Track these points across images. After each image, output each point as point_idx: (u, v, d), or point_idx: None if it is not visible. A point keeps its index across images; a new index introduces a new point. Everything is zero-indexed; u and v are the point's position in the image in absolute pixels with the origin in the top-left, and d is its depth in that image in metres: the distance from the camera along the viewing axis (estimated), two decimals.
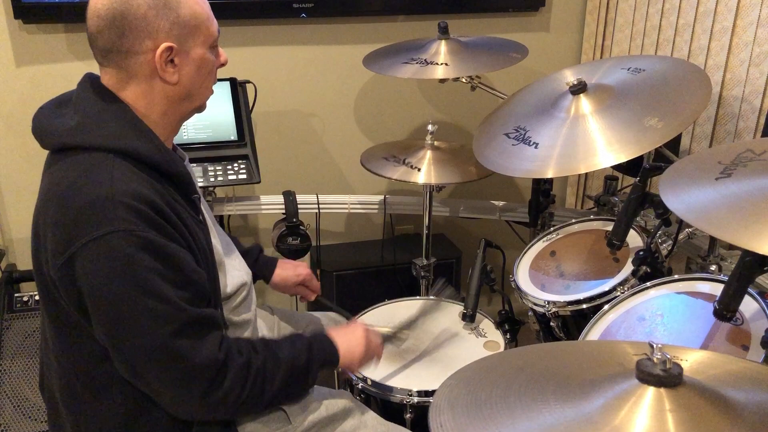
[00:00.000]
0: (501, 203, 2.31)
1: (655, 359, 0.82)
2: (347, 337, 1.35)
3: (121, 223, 1.05)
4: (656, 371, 0.81)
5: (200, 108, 1.26)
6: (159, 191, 1.12)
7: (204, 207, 1.28)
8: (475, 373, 0.97)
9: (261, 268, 1.62)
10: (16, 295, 2.05)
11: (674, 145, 1.90)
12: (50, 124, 1.15)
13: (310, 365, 1.26)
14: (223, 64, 1.26)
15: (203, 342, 1.12)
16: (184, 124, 1.27)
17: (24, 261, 2.31)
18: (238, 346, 1.18)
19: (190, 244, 1.16)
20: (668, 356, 0.81)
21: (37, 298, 2.04)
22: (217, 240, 1.28)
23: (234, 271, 1.32)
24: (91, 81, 1.18)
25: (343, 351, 1.32)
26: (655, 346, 0.82)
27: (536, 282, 1.69)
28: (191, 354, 1.10)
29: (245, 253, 1.54)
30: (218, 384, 1.12)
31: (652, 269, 1.51)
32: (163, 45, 1.12)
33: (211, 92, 1.26)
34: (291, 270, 1.66)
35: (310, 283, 1.69)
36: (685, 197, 1.06)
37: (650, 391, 0.81)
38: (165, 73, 1.14)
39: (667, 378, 0.81)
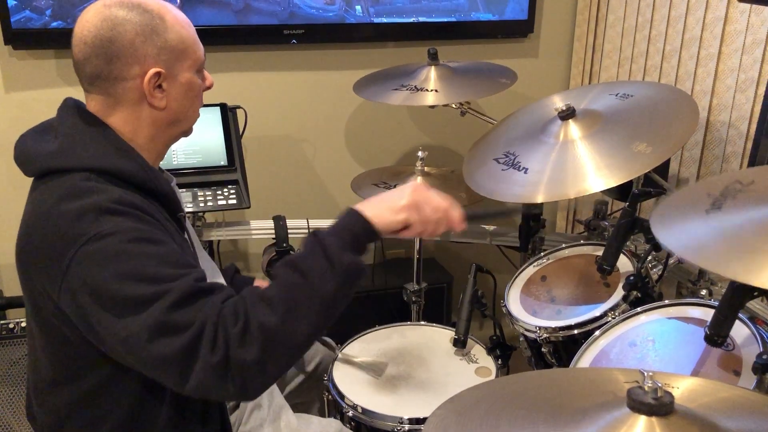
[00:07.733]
0: (492, 228, 2.31)
1: (646, 387, 0.81)
2: (379, 198, 1.19)
3: (108, 226, 1.03)
4: (647, 400, 0.80)
5: (187, 132, 1.25)
6: (145, 203, 1.11)
7: (190, 230, 1.27)
8: (466, 402, 0.96)
9: (235, 288, 1.57)
10: (2, 321, 2.02)
11: (663, 169, 1.91)
12: (31, 150, 1.14)
13: (334, 264, 1.07)
14: (208, 87, 1.25)
15: (202, 308, 1.02)
16: (174, 149, 1.27)
17: (11, 287, 2.28)
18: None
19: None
20: (659, 384, 0.81)
21: (23, 325, 2.01)
22: (203, 263, 1.26)
23: None
24: (73, 105, 1.17)
25: (373, 214, 1.15)
26: (645, 373, 0.82)
27: (527, 307, 1.68)
28: (189, 324, 1.00)
29: (221, 273, 1.52)
30: (216, 341, 1.00)
31: (642, 294, 1.51)
32: (152, 70, 1.12)
33: (198, 116, 1.25)
34: None
35: None
36: (677, 232, 1.06)
37: (641, 420, 0.80)
38: (153, 98, 1.14)
39: (659, 406, 0.80)
